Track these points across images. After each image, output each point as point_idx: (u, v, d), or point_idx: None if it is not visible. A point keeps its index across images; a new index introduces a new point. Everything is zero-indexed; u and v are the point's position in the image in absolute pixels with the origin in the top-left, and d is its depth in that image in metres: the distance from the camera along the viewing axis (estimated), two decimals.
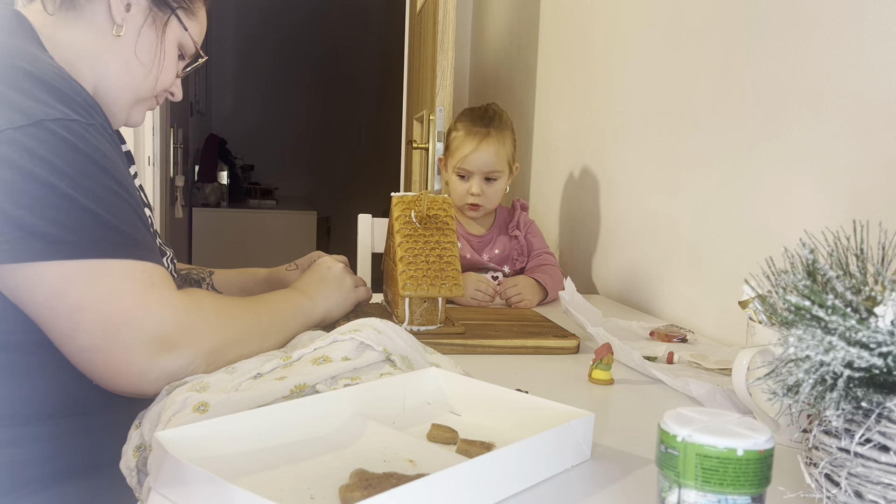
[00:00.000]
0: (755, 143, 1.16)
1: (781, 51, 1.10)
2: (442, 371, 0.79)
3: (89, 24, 0.92)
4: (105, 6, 0.91)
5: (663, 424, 0.52)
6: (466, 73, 3.18)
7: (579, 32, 1.93)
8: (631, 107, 1.61)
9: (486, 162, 1.58)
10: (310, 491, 0.57)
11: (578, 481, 0.63)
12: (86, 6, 0.92)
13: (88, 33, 0.92)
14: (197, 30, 1.01)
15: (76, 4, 0.92)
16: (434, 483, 0.51)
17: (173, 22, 0.97)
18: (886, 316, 0.46)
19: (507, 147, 1.61)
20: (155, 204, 2.81)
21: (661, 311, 1.44)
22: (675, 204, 1.40)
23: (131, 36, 0.94)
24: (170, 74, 0.99)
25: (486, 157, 1.58)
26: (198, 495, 0.52)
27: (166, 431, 0.59)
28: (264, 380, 0.76)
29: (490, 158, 1.58)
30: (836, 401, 0.48)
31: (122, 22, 0.92)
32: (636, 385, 0.94)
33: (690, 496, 0.50)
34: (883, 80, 0.91)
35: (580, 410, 0.68)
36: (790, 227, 1.07)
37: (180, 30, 0.98)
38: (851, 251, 0.52)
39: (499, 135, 1.59)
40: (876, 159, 0.92)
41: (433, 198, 1.15)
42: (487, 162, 1.58)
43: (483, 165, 1.58)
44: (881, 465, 0.46)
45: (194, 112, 4.84)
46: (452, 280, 1.08)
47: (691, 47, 1.36)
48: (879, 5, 0.92)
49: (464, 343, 1.05)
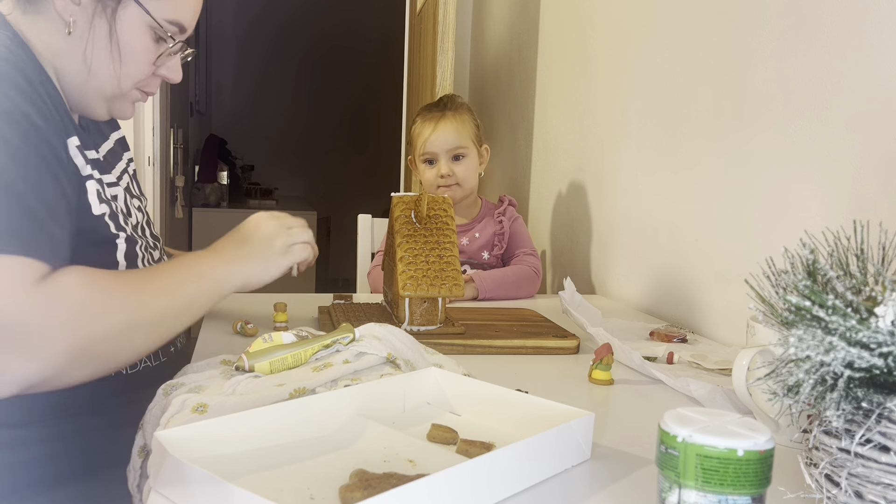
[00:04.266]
0: (755, 142, 1.16)
1: (782, 50, 1.10)
2: (442, 371, 0.79)
3: (46, 23, 0.86)
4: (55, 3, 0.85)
5: (663, 425, 0.52)
6: (466, 73, 3.18)
7: (579, 32, 1.93)
8: (631, 107, 1.61)
9: (447, 139, 1.59)
10: (310, 491, 0.57)
11: (578, 481, 0.63)
12: (39, 4, 0.86)
13: (46, 34, 0.87)
14: (170, 7, 0.89)
15: (32, 3, 0.86)
16: (434, 483, 0.51)
17: (130, 5, 0.86)
18: (887, 316, 0.46)
19: (468, 126, 1.63)
20: (155, 204, 2.81)
21: (661, 312, 1.44)
22: (675, 204, 1.40)
23: (83, 32, 0.86)
24: (137, 66, 0.90)
25: (445, 134, 1.59)
26: (198, 495, 0.52)
27: (166, 431, 0.59)
28: (263, 384, 0.76)
29: (450, 136, 1.59)
30: (836, 401, 0.48)
31: (71, 18, 0.85)
32: (636, 385, 0.94)
33: (691, 496, 0.50)
34: (883, 79, 0.91)
35: (580, 410, 0.68)
36: (790, 227, 1.07)
37: (140, 12, 0.87)
38: (852, 251, 0.52)
39: (455, 115, 1.62)
40: (876, 159, 0.92)
41: (433, 198, 1.15)
42: (448, 139, 1.59)
43: (444, 143, 1.59)
44: (881, 466, 0.46)
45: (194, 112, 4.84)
46: (452, 280, 1.08)
47: (691, 47, 1.36)
48: (880, 5, 0.92)
49: (464, 343, 1.05)
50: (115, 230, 0.91)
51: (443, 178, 1.60)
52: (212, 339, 1.07)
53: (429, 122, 1.62)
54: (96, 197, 0.89)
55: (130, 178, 1.05)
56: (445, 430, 0.69)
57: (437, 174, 1.61)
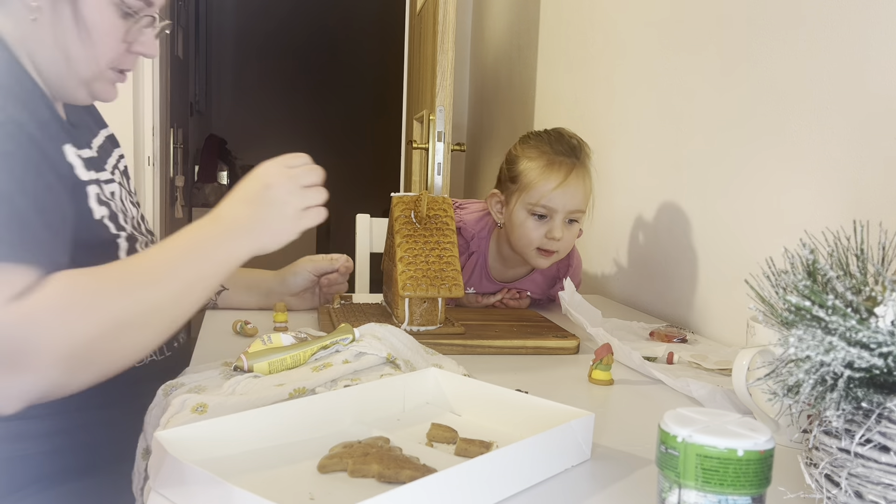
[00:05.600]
0: (755, 142, 1.16)
1: (781, 50, 1.10)
2: (442, 371, 0.79)
3: (13, 14, 0.84)
4: None
5: (663, 425, 0.52)
6: (466, 73, 3.18)
7: (579, 32, 1.93)
8: (631, 107, 1.61)
9: (575, 200, 1.30)
10: (310, 491, 0.57)
11: (578, 481, 0.63)
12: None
13: (15, 25, 0.85)
14: None
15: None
16: (434, 483, 0.51)
17: None
18: (887, 316, 0.46)
19: (590, 183, 1.34)
20: (155, 204, 2.80)
21: (661, 312, 1.44)
22: (675, 204, 1.40)
23: (49, 18, 0.84)
24: (108, 45, 0.87)
25: (574, 193, 1.30)
26: (198, 495, 0.52)
27: (166, 431, 0.59)
28: (263, 384, 0.76)
29: (579, 196, 1.31)
30: (836, 401, 0.48)
31: (34, 3, 0.83)
32: (636, 385, 0.94)
33: (691, 497, 0.50)
34: (883, 79, 0.91)
35: (580, 410, 0.68)
36: (790, 227, 1.07)
37: None
38: (852, 251, 0.52)
39: (584, 168, 1.33)
40: (876, 159, 0.92)
41: (433, 198, 1.15)
42: (576, 200, 1.30)
43: (570, 204, 1.30)
44: (881, 466, 0.46)
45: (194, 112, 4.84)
46: (452, 280, 1.08)
47: (691, 47, 1.36)
48: (880, 5, 0.92)
49: (464, 343, 1.05)
50: (116, 230, 0.91)
51: (553, 242, 1.32)
52: (212, 339, 1.07)
53: (556, 171, 1.30)
54: (96, 200, 0.89)
55: (121, 173, 1.04)
56: (445, 429, 0.69)
57: (546, 234, 1.31)
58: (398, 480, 0.57)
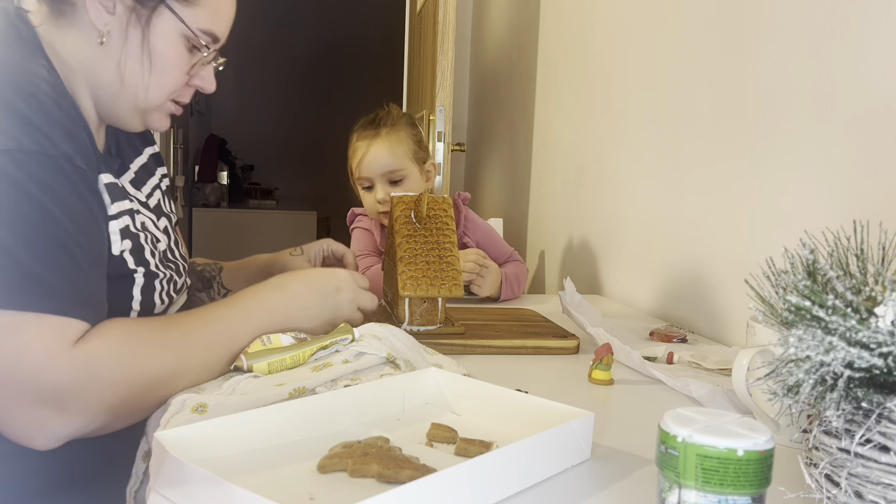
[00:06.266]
0: (755, 142, 1.16)
1: (781, 50, 1.10)
2: (442, 371, 0.79)
3: (79, 32, 0.85)
4: None
5: (663, 425, 0.52)
6: (466, 73, 3.18)
7: (579, 32, 1.93)
8: (631, 107, 1.61)
9: (381, 163, 1.48)
10: (309, 491, 0.57)
11: (578, 481, 0.63)
12: (72, 13, 0.84)
13: (78, 43, 0.85)
14: (204, 16, 0.87)
15: (63, 11, 0.84)
16: (434, 483, 0.51)
17: (164, 14, 0.85)
18: (887, 316, 0.46)
19: (406, 144, 1.50)
20: None
21: (660, 311, 1.44)
22: (675, 204, 1.40)
23: (117, 41, 0.84)
24: (171, 76, 0.88)
25: (378, 158, 1.48)
26: (198, 495, 0.52)
27: (166, 431, 0.59)
28: (263, 384, 0.76)
29: (384, 159, 1.48)
30: (836, 401, 0.48)
31: (105, 27, 0.83)
32: (636, 385, 0.94)
33: (691, 496, 0.50)
34: (883, 79, 0.91)
35: (580, 410, 0.68)
36: (790, 227, 1.07)
37: (175, 22, 0.85)
38: (852, 251, 0.52)
39: (390, 133, 1.49)
40: (876, 159, 0.92)
41: (433, 198, 1.15)
42: (382, 163, 1.48)
43: (378, 168, 1.49)
44: (881, 466, 0.46)
45: (194, 112, 4.84)
46: (452, 280, 1.08)
47: (691, 47, 1.36)
48: (880, 5, 0.92)
49: (464, 343, 1.05)
50: (134, 265, 0.87)
51: (381, 204, 1.49)
52: None
53: (361, 145, 1.50)
54: (118, 235, 0.86)
55: (162, 193, 1.02)
56: (445, 429, 0.69)
57: (375, 200, 1.51)
58: (398, 480, 0.57)
